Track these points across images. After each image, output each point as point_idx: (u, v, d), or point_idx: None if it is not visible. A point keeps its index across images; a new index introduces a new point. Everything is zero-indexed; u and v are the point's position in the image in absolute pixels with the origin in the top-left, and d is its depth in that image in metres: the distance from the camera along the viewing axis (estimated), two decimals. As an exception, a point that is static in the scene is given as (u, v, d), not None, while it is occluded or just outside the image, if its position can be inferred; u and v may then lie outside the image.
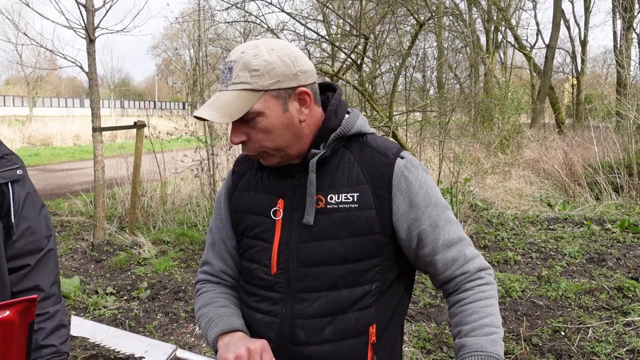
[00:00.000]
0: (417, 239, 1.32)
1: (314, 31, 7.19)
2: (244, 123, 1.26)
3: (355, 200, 1.29)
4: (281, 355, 1.32)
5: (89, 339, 1.33)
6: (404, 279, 1.40)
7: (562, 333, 3.93)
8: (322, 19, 8.19)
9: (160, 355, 1.28)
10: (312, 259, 1.30)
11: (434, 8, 6.96)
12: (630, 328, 3.96)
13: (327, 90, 1.42)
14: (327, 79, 8.29)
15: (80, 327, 1.37)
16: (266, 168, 1.38)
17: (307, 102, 1.29)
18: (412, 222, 1.30)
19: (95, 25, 6.25)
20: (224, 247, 1.47)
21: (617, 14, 19.06)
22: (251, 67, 1.22)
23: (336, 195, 1.30)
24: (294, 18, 6.33)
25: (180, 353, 1.24)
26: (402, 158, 1.32)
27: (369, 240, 1.29)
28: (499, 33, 21.53)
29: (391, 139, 6.04)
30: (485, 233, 6.86)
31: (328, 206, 1.30)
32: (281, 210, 1.34)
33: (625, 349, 3.64)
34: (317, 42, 7.53)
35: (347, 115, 1.36)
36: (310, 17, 7.67)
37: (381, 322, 1.34)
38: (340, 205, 1.29)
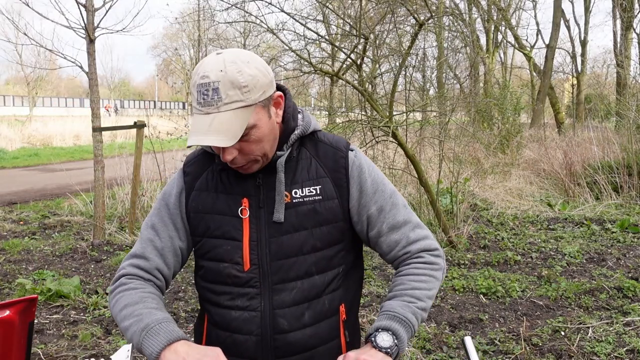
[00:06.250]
0: (367, 222, 1.42)
1: (313, 31, 7.18)
2: None
3: (318, 192, 1.38)
4: (265, 346, 1.37)
5: None
6: (359, 260, 1.53)
7: (562, 333, 3.93)
8: (322, 19, 8.19)
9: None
10: (284, 252, 1.36)
11: (434, 8, 6.98)
12: (630, 328, 3.96)
13: None
14: (327, 79, 8.29)
15: None
16: (224, 169, 1.41)
17: (280, 104, 1.35)
18: (362, 207, 1.40)
19: (95, 25, 6.25)
20: (170, 245, 1.43)
21: (617, 14, 19.06)
22: (240, 84, 1.22)
23: (300, 190, 1.37)
24: (293, 18, 6.31)
25: None
26: (352, 150, 1.43)
27: (334, 228, 1.39)
28: (499, 33, 21.55)
29: (391, 138, 6.03)
30: (485, 233, 6.86)
31: (294, 200, 1.37)
32: (247, 209, 1.37)
33: (625, 349, 3.64)
34: (317, 42, 7.53)
35: (299, 115, 1.42)
36: (310, 17, 7.65)
37: (347, 300, 1.46)
38: (305, 199, 1.37)
